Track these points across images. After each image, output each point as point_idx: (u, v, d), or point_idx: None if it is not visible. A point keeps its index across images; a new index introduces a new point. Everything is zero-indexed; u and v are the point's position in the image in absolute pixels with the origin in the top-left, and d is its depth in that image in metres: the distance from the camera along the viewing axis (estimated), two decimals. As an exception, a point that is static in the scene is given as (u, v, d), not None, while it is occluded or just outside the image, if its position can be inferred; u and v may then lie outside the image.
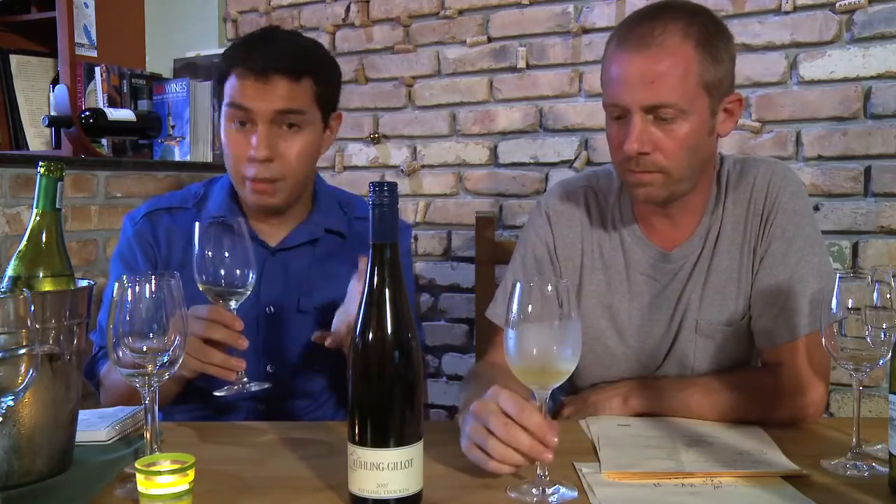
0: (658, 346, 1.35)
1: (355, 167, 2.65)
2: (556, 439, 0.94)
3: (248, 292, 1.21)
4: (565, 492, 0.94)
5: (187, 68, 2.76)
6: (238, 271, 1.20)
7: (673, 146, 1.21)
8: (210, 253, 1.19)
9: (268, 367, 1.43)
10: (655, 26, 1.20)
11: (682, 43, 1.19)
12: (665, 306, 1.34)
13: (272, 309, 1.44)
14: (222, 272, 1.19)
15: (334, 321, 1.26)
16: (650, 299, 1.35)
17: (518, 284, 0.94)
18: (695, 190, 1.30)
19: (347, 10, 2.61)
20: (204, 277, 1.19)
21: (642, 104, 1.19)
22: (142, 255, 1.45)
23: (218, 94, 1.42)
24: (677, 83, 1.18)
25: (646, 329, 1.35)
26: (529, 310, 0.92)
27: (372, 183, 0.90)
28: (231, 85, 1.36)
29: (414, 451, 0.88)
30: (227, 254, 1.20)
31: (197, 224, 1.21)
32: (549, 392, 0.96)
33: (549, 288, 0.93)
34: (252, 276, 1.21)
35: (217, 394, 1.19)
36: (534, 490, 0.93)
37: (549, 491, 0.93)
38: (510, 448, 0.94)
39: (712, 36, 1.22)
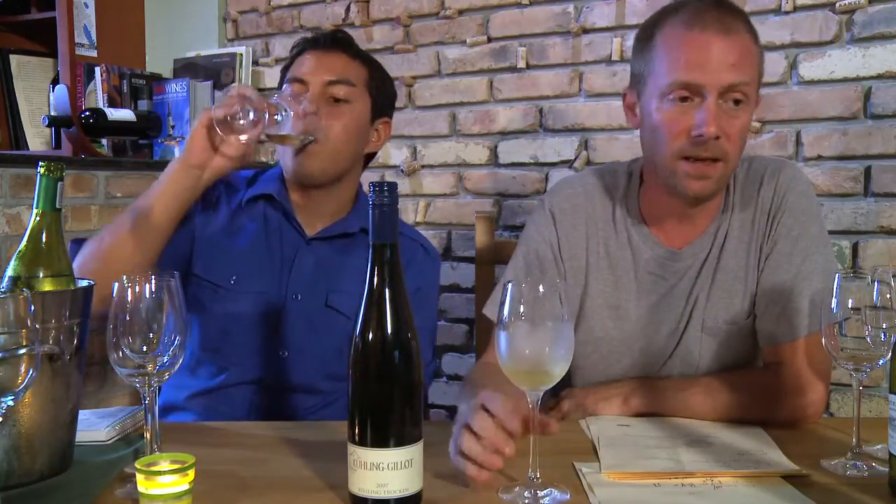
0: (664, 345, 1.34)
1: (355, 167, 2.64)
2: (508, 450, 0.92)
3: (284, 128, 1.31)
4: (558, 494, 0.92)
5: (187, 68, 2.75)
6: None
7: (735, 133, 1.22)
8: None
9: (281, 352, 1.44)
10: (724, 15, 1.22)
11: (748, 33, 1.23)
12: (673, 305, 1.34)
13: (299, 297, 1.45)
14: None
15: None
16: (658, 298, 1.34)
17: (509, 285, 0.93)
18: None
19: (347, 10, 2.61)
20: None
21: (722, 84, 1.19)
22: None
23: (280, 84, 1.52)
24: (750, 68, 1.22)
25: (653, 327, 1.35)
26: (521, 310, 0.91)
27: (372, 183, 0.90)
28: (294, 63, 1.49)
29: (414, 451, 0.88)
30: None
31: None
32: (541, 393, 0.95)
33: (541, 288, 0.91)
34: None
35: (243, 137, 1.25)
36: (526, 493, 0.92)
37: (540, 494, 0.91)
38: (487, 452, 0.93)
39: (756, 34, 1.26)
